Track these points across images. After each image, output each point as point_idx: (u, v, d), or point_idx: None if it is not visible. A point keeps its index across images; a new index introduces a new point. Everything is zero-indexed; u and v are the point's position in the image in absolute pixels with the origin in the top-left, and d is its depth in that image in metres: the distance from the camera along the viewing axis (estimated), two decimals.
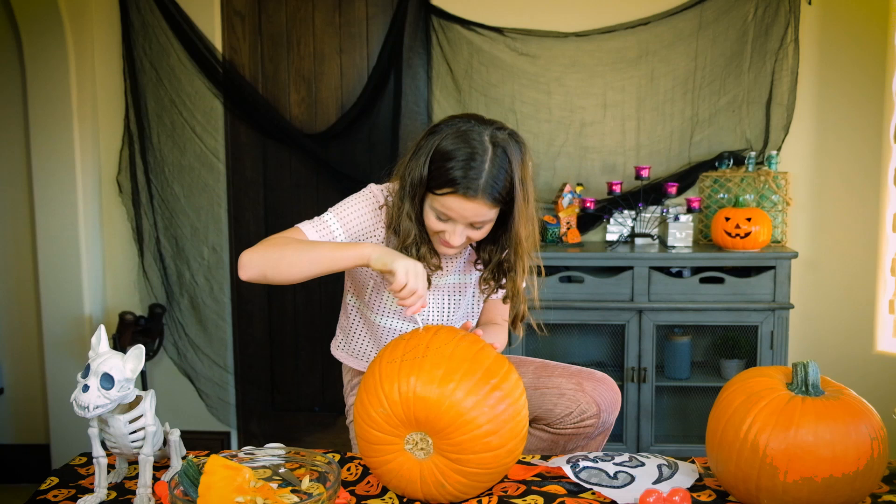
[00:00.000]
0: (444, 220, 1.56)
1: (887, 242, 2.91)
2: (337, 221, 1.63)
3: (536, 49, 2.98)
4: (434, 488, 1.30)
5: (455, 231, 1.56)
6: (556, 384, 1.70)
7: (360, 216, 1.64)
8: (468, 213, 1.53)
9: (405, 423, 1.28)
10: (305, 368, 3.29)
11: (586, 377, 1.71)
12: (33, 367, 3.21)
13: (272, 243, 1.54)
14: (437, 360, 1.28)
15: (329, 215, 1.64)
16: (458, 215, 1.54)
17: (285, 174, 3.21)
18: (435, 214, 1.57)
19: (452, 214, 1.54)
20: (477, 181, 1.50)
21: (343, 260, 1.50)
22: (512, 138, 1.56)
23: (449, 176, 1.51)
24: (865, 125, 2.90)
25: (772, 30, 2.90)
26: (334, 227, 1.62)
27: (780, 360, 2.72)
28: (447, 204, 1.53)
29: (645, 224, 2.92)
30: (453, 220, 1.55)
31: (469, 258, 1.77)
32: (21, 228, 3.15)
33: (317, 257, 1.50)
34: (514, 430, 1.29)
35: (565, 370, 1.74)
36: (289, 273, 1.51)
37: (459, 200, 1.51)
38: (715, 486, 1.39)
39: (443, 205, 1.54)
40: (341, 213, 1.64)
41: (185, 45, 3.06)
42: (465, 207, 1.52)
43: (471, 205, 1.51)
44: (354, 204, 1.66)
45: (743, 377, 1.36)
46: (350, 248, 1.51)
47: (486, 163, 1.51)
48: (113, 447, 1.35)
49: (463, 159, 1.50)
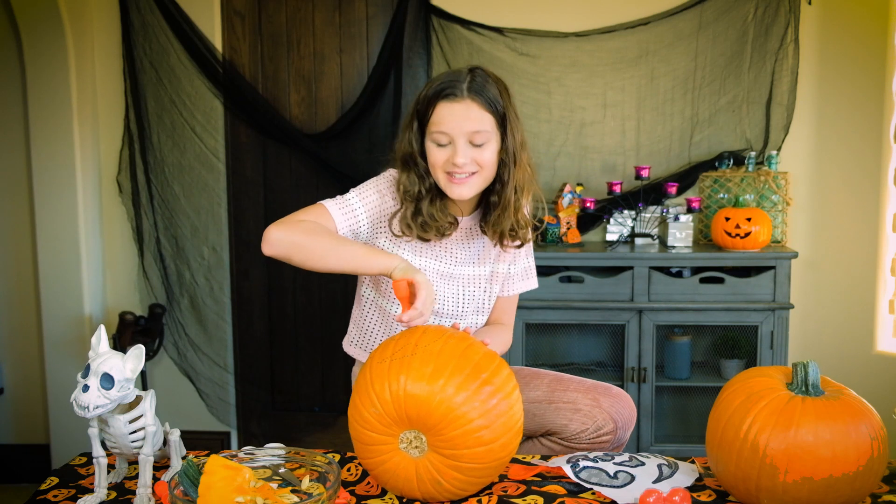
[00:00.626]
0: (444, 145, 1.56)
1: (887, 242, 2.92)
2: (359, 201, 1.63)
3: (536, 49, 2.98)
4: (431, 486, 1.30)
5: (457, 149, 1.55)
6: (572, 399, 1.67)
7: (379, 196, 1.65)
8: (459, 117, 1.53)
9: (397, 421, 1.28)
10: (305, 368, 3.29)
11: (603, 392, 1.68)
12: (33, 367, 3.21)
13: (303, 227, 1.52)
14: (426, 357, 1.29)
15: (352, 194, 1.64)
16: (452, 125, 1.54)
17: (285, 174, 3.21)
18: (435, 144, 1.57)
19: (446, 127, 1.54)
20: (460, 84, 1.54)
21: (370, 267, 1.50)
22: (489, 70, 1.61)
23: (431, 94, 1.56)
24: (865, 125, 2.90)
25: (772, 30, 2.90)
26: (357, 206, 1.62)
27: (780, 360, 2.72)
28: (439, 118, 1.55)
29: (645, 224, 2.92)
30: (451, 136, 1.55)
31: (483, 250, 1.76)
32: (21, 228, 3.15)
33: (346, 257, 1.50)
34: (507, 424, 1.29)
35: (581, 384, 1.71)
36: (314, 263, 1.51)
37: (447, 105, 1.54)
38: (715, 486, 1.39)
39: (435, 122, 1.55)
40: (363, 193, 1.64)
41: (185, 45, 3.06)
42: (455, 111, 1.53)
43: (459, 106, 1.53)
44: (374, 184, 1.66)
45: (743, 377, 1.36)
46: (379, 257, 1.50)
47: (465, 75, 1.56)
48: (113, 447, 1.35)
49: (441, 79, 1.57)
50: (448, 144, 1.56)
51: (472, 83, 1.55)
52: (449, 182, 1.59)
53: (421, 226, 1.62)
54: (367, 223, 1.63)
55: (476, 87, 1.54)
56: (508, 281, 1.83)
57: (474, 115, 1.54)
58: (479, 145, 1.56)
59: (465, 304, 1.75)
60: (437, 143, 1.57)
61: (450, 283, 1.73)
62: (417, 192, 1.61)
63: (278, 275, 3.25)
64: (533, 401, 1.72)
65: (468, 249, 1.74)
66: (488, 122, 1.55)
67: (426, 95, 1.58)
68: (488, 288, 1.78)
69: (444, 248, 1.72)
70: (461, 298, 1.74)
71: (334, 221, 1.59)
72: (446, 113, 1.54)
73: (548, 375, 1.78)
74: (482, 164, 1.58)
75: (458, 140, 1.55)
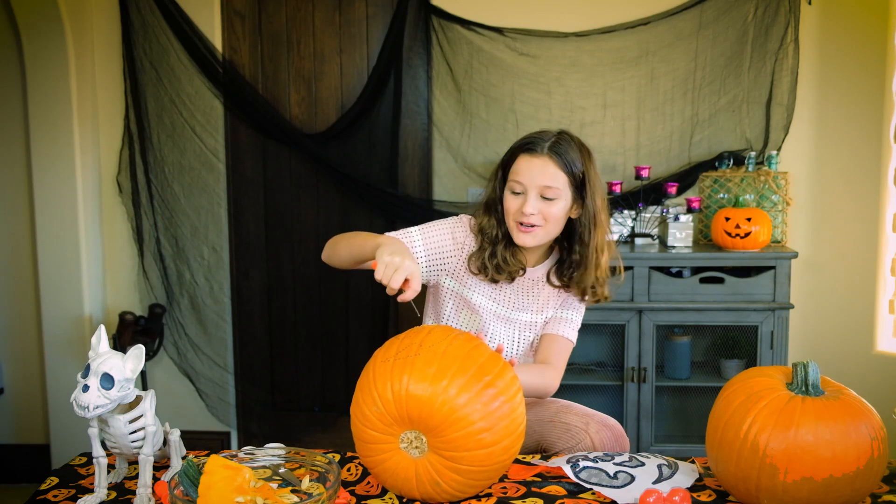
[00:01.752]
0: (518, 193, 1.70)
1: (887, 242, 2.92)
2: (420, 236, 1.77)
3: (536, 49, 2.98)
4: (430, 487, 1.30)
5: (528, 200, 1.68)
6: (566, 420, 1.73)
7: (442, 236, 1.78)
8: (535, 172, 1.68)
9: (399, 421, 1.28)
10: (305, 368, 3.29)
11: (596, 420, 1.73)
12: (33, 367, 3.21)
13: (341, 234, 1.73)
14: (430, 358, 1.28)
15: (415, 229, 1.79)
16: (528, 178, 1.68)
17: (285, 174, 3.21)
18: (510, 191, 1.72)
19: (522, 177, 1.69)
20: (542, 142, 1.70)
21: (365, 250, 1.61)
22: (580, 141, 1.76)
23: (517, 146, 1.73)
24: (865, 125, 2.90)
25: (772, 30, 2.90)
26: (416, 241, 1.76)
27: (780, 360, 2.72)
28: (518, 168, 1.70)
29: (645, 224, 2.92)
30: (525, 187, 1.69)
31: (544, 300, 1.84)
32: (21, 228, 3.15)
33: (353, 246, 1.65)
34: (509, 428, 1.29)
35: (581, 410, 1.78)
36: (339, 258, 1.71)
37: (527, 159, 1.69)
38: (715, 486, 1.39)
39: (515, 173, 1.71)
40: (427, 230, 1.79)
41: (185, 45, 3.06)
42: (533, 165, 1.68)
43: (537, 161, 1.68)
44: (443, 224, 1.81)
45: (743, 377, 1.36)
46: (373, 239, 1.62)
47: (552, 136, 1.72)
48: (113, 447, 1.35)
49: (530, 135, 1.74)
50: (521, 194, 1.70)
51: (554, 144, 1.70)
52: (517, 230, 1.73)
53: (495, 267, 1.76)
54: (425, 256, 1.76)
55: (557, 148, 1.69)
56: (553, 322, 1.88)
57: (549, 171, 1.68)
58: (550, 199, 1.69)
59: (519, 347, 1.86)
60: (513, 190, 1.71)
61: (506, 325, 1.84)
62: (495, 235, 1.76)
63: (278, 275, 3.25)
64: (539, 417, 1.79)
65: (528, 298, 1.84)
66: (561, 181, 1.69)
67: (513, 147, 1.74)
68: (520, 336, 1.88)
69: (505, 293, 1.82)
70: (515, 341, 1.86)
71: None
72: (524, 165, 1.70)
73: (560, 403, 1.84)
74: (548, 218, 1.71)
75: (530, 192, 1.69)
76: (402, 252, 1.51)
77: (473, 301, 1.80)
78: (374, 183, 3.07)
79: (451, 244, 1.79)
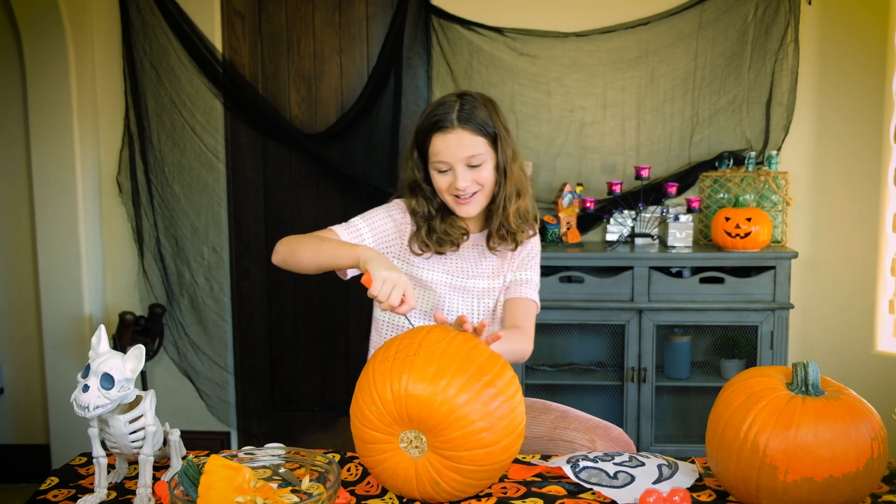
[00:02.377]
0: (444, 172, 1.69)
1: (887, 242, 2.92)
2: (365, 224, 1.75)
3: (536, 49, 2.98)
4: (430, 487, 1.30)
5: (457, 175, 1.67)
6: (571, 438, 1.71)
7: (383, 221, 1.77)
8: (454, 147, 1.65)
9: (398, 421, 1.28)
10: (305, 368, 3.29)
11: (601, 435, 1.70)
12: (33, 367, 3.21)
13: (300, 237, 1.68)
14: (429, 357, 1.28)
15: (358, 219, 1.77)
16: (449, 154, 1.66)
17: (285, 174, 3.21)
18: (437, 171, 1.70)
19: (444, 156, 1.67)
20: (449, 115, 1.66)
21: (341, 258, 1.59)
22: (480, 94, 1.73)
23: (425, 127, 1.69)
24: (865, 125, 2.90)
25: (772, 30, 2.90)
26: (363, 229, 1.74)
27: (780, 360, 2.72)
28: (435, 149, 1.68)
29: (645, 224, 2.92)
30: (450, 164, 1.67)
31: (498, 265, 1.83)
32: (21, 228, 3.15)
33: (321, 253, 1.62)
34: (508, 427, 1.29)
35: (582, 423, 1.75)
36: (300, 263, 1.66)
37: (441, 137, 1.66)
38: (715, 486, 1.39)
39: (434, 154, 1.68)
40: (368, 218, 1.77)
41: (185, 45, 3.06)
42: (449, 142, 1.66)
43: (452, 136, 1.65)
44: (381, 210, 1.79)
45: (743, 377, 1.36)
46: (350, 248, 1.59)
47: (454, 104, 1.67)
48: (113, 447, 1.35)
49: (431, 111, 1.69)
50: (448, 171, 1.69)
51: (461, 112, 1.66)
52: (456, 203, 1.72)
53: (437, 242, 1.75)
54: (373, 245, 1.75)
55: (465, 115, 1.66)
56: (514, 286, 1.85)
57: (466, 141, 1.66)
58: (477, 166, 1.68)
59: (479, 316, 1.83)
60: (439, 170, 1.70)
61: (462, 295, 1.80)
62: (427, 212, 1.75)
63: (278, 275, 3.25)
64: (535, 436, 1.76)
65: (480, 264, 1.83)
66: (481, 145, 1.68)
67: (421, 127, 1.71)
68: (502, 299, 1.85)
69: (455, 262, 1.81)
70: (475, 310, 1.82)
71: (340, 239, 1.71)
72: (441, 145, 1.67)
73: (555, 412, 1.81)
74: (482, 183, 1.70)
75: (456, 167, 1.67)
76: (392, 265, 1.51)
77: (425, 278, 1.78)
78: (374, 183, 3.07)
79: (392, 228, 1.78)
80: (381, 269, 1.48)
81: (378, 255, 1.54)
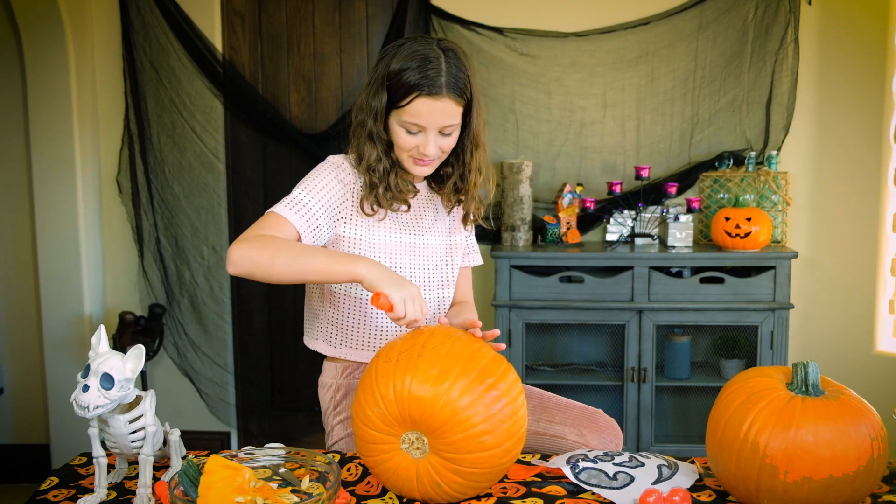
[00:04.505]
0: (414, 133, 1.56)
1: (887, 242, 2.91)
2: (310, 197, 1.57)
3: (536, 49, 2.98)
4: (430, 488, 1.30)
5: (428, 140, 1.56)
6: (559, 432, 1.66)
7: (329, 185, 1.60)
8: (437, 114, 1.53)
9: (400, 422, 1.28)
10: (305, 368, 3.29)
11: (589, 426, 1.66)
12: (33, 367, 3.21)
13: (262, 242, 1.47)
14: (433, 359, 1.28)
15: (300, 192, 1.58)
16: (429, 120, 1.54)
17: (285, 174, 3.21)
18: (405, 129, 1.56)
19: (423, 121, 1.54)
20: (439, 79, 1.52)
21: (335, 275, 1.45)
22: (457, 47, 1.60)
23: (410, 83, 1.52)
24: (865, 125, 2.90)
25: (772, 30, 2.90)
26: (310, 204, 1.57)
27: (780, 360, 2.72)
28: (416, 110, 1.53)
29: (645, 224, 2.92)
30: (424, 128, 1.55)
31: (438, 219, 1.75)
32: (21, 228, 3.15)
33: (309, 268, 1.46)
34: (510, 430, 1.29)
35: (566, 415, 1.68)
36: (278, 277, 1.47)
37: (427, 102, 1.52)
38: (715, 486, 1.39)
39: (411, 114, 1.54)
40: (311, 188, 1.59)
41: (185, 45, 3.06)
42: (434, 108, 1.53)
43: (438, 104, 1.52)
44: (321, 175, 1.61)
45: (743, 377, 1.36)
46: (344, 262, 1.45)
47: (441, 63, 1.53)
48: (113, 447, 1.35)
49: (418, 65, 1.52)
50: (419, 133, 1.57)
51: (448, 76, 1.53)
52: (414, 164, 1.61)
53: (390, 200, 1.63)
54: (324, 216, 1.58)
55: (452, 80, 1.54)
56: (468, 252, 1.84)
57: (449, 111, 1.55)
58: (447, 135, 1.59)
59: (430, 276, 1.73)
60: (409, 130, 1.57)
61: (415, 255, 1.70)
62: (383, 169, 1.61)
63: None
64: None
65: (427, 216, 1.74)
66: (458, 114, 1.58)
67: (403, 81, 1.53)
68: (449, 260, 1.76)
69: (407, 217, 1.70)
70: (426, 270, 1.72)
71: (293, 226, 1.54)
72: (423, 108, 1.53)
73: (533, 398, 1.72)
74: (446, 150, 1.61)
75: (429, 132, 1.56)
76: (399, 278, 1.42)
77: (378, 239, 1.64)
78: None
79: (340, 190, 1.60)
80: (395, 289, 1.39)
81: (382, 271, 1.43)
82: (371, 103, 1.58)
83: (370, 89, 1.59)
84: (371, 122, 1.59)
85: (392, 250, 1.65)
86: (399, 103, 1.54)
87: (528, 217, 2.91)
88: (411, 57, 1.54)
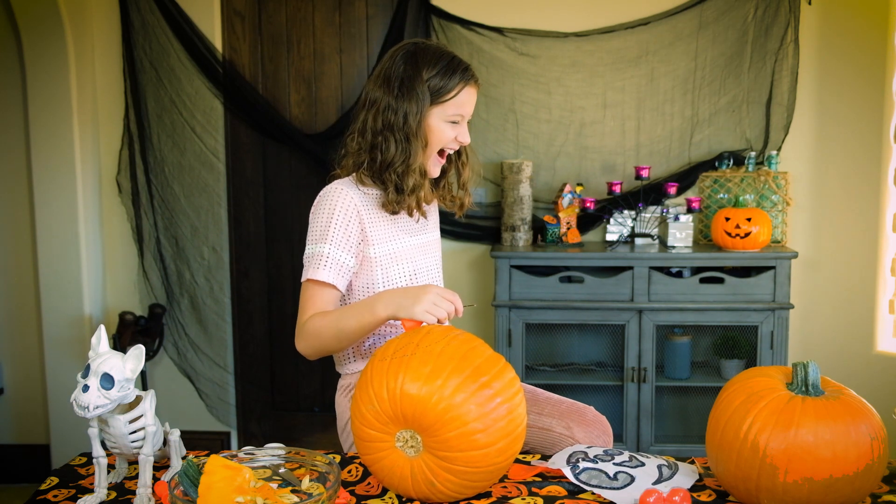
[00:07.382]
0: (456, 123, 1.63)
1: (887, 242, 2.92)
2: (338, 250, 1.59)
3: (536, 49, 2.98)
4: (425, 487, 1.30)
5: (464, 128, 1.64)
6: (547, 425, 1.67)
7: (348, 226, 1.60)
8: (473, 101, 1.64)
9: (394, 420, 1.28)
10: (305, 368, 3.29)
11: (577, 420, 1.66)
12: (33, 367, 3.21)
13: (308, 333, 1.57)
14: (426, 357, 1.29)
15: (327, 248, 1.58)
16: (469, 108, 1.63)
17: (285, 174, 3.21)
18: (449, 122, 1.62)
19: (465, 109, 1.62)
20: (471, 69, 1.63)
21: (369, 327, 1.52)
22: None
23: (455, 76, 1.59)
24: (865, 125, 2.90)
25: (772, 30, 2.90)
26: (341, 257, 1.59)
27: (780, 360, 2.72)
28: (460, 100, 1.61)
29: (645, 224, 2.92)
30: (464, 117, 1.63)
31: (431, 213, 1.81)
32: (21, 228, 3.15)
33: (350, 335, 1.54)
34: (505, 429, 1.29)
35: (555, 408, 1.69)
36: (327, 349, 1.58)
37: (469, 91, 1.62)
38: (715, 486, 1.39)
39: (457, 104, 1.61)
40: (334, 238, 1.59)
41: (185, 45, 3.06)
42: (472, 95, 1.63)
43: (475, 91, 1.63)
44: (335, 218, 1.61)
45: (743, 377, 1.36)
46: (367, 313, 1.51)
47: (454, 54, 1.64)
48: (113, 447, 1.35)
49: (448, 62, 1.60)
50: (459, 122, 1.64)
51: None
52: (436, 160, 1.66)
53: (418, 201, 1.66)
54: (353, 259, 1.61)
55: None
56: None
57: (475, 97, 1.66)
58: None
59: (437, 271, 1.79)
60: (454, 121, 1.63)
61: (424, 254, 1.74)
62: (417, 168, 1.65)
63: (278, 275, 3.25)
64: None
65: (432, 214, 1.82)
66: None
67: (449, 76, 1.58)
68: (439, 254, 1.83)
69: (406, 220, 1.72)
70: (435, 267, 1.78)
71: (333, 286, 1.59)
72: (467, 98, 1.62)
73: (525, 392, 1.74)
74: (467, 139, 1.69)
75: (465, 121, 1.65)
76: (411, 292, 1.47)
77: (397, 249, 1.66)
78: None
79: (354, 222, 1.60)
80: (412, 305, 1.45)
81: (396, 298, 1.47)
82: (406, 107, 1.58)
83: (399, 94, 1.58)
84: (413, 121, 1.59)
85: (408, 254, 1.70)
86: (444, 98, 1.60)
87: (528, 217, 2.91)
88: (438, 56, 1.61)
